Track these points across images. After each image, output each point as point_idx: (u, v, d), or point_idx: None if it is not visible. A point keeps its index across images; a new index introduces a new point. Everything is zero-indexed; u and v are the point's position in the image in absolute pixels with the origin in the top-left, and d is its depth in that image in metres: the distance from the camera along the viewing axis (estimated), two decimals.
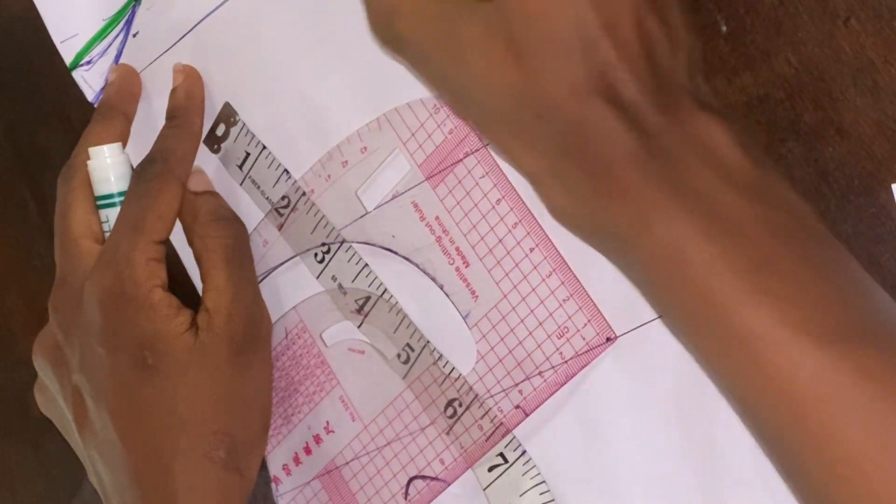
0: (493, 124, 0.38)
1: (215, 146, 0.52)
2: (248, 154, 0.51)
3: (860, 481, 0.32)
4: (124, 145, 0.51)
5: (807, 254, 0.33)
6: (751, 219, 0.33)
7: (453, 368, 0.47)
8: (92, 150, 0.50)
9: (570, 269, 0.43)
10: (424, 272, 0.47)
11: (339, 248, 0.49)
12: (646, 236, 0.34)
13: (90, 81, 0.56)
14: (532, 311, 0.44)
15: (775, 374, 0.32)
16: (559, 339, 0.44)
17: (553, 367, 0.44)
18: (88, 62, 0.56)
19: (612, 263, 0.37)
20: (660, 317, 0.42)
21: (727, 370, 0.34)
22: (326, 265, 0.49)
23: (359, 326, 0.49)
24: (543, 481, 0.45)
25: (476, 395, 0.46)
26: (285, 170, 0.50)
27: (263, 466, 0.53)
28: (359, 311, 0.49)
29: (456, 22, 0.37)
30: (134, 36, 0.54)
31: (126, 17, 0.54)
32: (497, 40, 0.36)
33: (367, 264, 0.48)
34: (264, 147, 0.50)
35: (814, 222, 0.35)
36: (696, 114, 0.35)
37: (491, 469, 0.46)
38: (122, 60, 0.54)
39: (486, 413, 0.46)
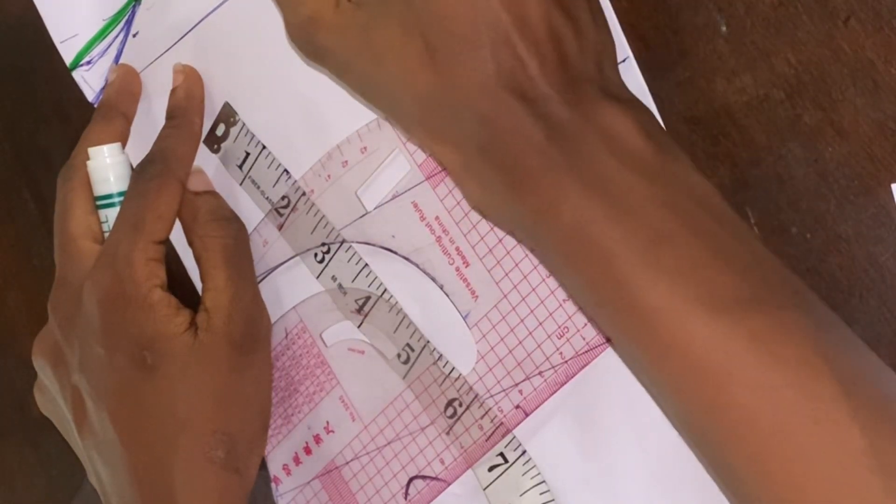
0: (413, 124, 0.40)
1: (215, 146, 0.52)
2: (248, 154, 0.51)
3: (754, 439, 0.34)
4: (124, 145, 0.51)
5: (703, 230, 0.35)
6: (649, 200, 0.35)
7: (453, 368, 0.47)
8: (91, 150, 0.50)
9: None
10: (424, 272, 0.47)
11: (339, 248, 0.49)
12: (554, 222, 0.36)
13: (90, 81, 0.56)
14: (532, 311, 0.44)
15: (672, 343, 0.34)
16: (559, 339, 0.44)
17: (553, 367, 0.44)
18: (88, 62, 0.56)
19: (527, 249, 0.40)
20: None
21: (630, 343, 0.36)
22: (326, 265, 0.49)
23: (359, 326, 0.49)
24: (543, 481, 0.45)
25: (476, 395, 0.46)
26: (285, 170, 0.50)
27: (263, 466, 0.53)
28: (359, 311, 0.49)
29: (373, 28, 0.39)
30: (134, 36, 0.54)
31: (126, 17, 0.54)
32: (413, 42, 0.38)
33: (367, 264, 0.48)
34: (264, 147, 0.50)
35: (713, 200, 0.36)
36: (601, 104, 0.37)
37: (491, 469, 0.46)
38: (122, 60, 0.54)
39: (487, 413, 0.46)
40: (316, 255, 0.49)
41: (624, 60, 0.42)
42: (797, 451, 0.33)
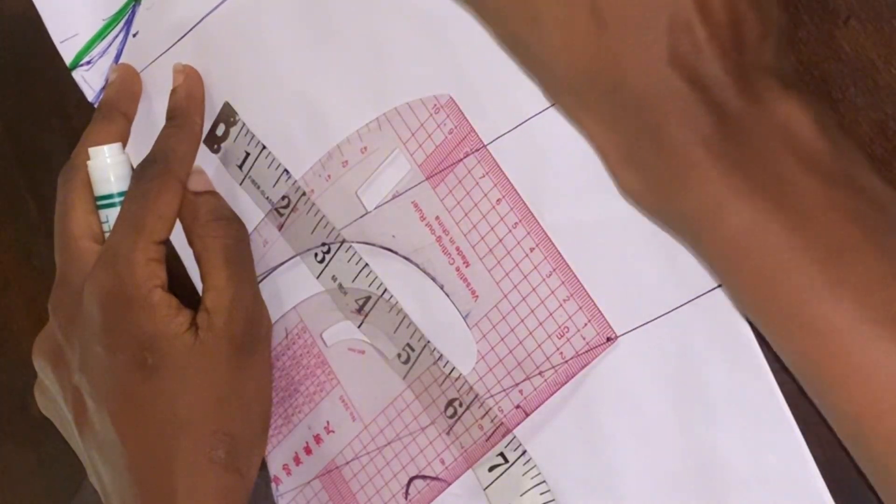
0: (564, 92, 0.36)
1: (215, 146, 0.52)
2: (248, 154, 0.51)
3: None
4: (124, 145, 0.51)
5: (887, 242, 0.32)
6: (828, 206, 0.32)
7: (453, 368, 0.47)
8: (92, 151, 0.50)
9: (570, 268, 0.43)
10: (424, 272, 0.47)
11: (339, 248, 0.49)
12: (718, 222, 0.33)
13: (90, 81, 0.56)
14: (532, 311, 0.44)
15: (857, 368, 0.31)
16: (559, 338, 0.44)
17: (553, 367, 0.44)
18: (88, 62, 0.56)
19: (683, 245, 0.36)
20: (660, 316, 0.42)
21: (805, 362, 0.33)
22: (326, 265, 0.49)
23: (359, 326, 0.49)
24: (544, 481, 0.45)
25: (476, 395, 0.46)
26: (285, 170, 0.50)
27: (263, 466, 0.53)
28: (359, 311, 0.49)
29: None
30: (134, 36, 0.54)
31: (126, 17, 0.54)
32: (580, 10, 0.34)
33: (367, 264, 0.48)
34: (264, 147, 0.50)
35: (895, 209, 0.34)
36: (780, 96, 0.33)
37: (491, 469, 0.46)
38: (122, 60, 0.54)
39: (487, 413, 0.46)
40: (316, 255, 0.49)
41: None
42: None
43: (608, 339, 0.43)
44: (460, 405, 0.47)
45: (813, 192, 0.32)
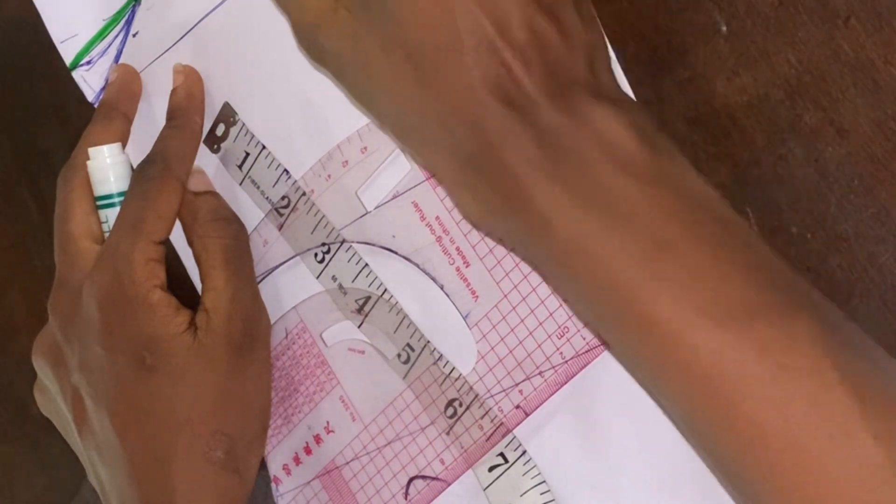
0: (404, 134, 0.39)
1: (215, 146, 0.52)
2: (247, 154, 0.51)
3: (765, 455, 0.33)
4: (124, 145, 0.51)
5: (704, 236, 0.34)
6: (646, 206, 0.34)
7: (453, 368, 0.47)
8: (92, 151, 0.50)
9: None
10: (424, 272, 0.47)
11: (339, 248, 0.49)
12: (548, 236, 0.35)
13: (90, 81, 0.56)
14: (532, 311, 0.44)
15: (679, 357, 0.33)
16: (559, 338, 0.44)
17: (553, 367, 0.44)
18: (88, 62, 0.56)
19: (524, 261, 0.38)
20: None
21: (635, 356, 0.35)
22: (326, 265, 0.49)
23: (359, 326, 0.49)
24: (544, 481, 0.45)
25: (476, 395, 0.46)
26: (285, 170, 0.50)
27: (263, 466, 0.53)
28: (359, 311, 0.49)
29: (360, 36, 0.38)
30: (134, 36, 0.54)
31: (126, 17, 0.54)
32: (396, 51, 0.37)
33: (367, 264, 0.48)
34: (264, 147, 0.50)
35: (714, 203, 0.35)
36: (592, 107, 0.35)
37: (491, 469, 0.46)
38: (122, 60, 0.54)
39: (487, 413, 0.46)
40: (316, 255, 0.49)
41: None
42: (811, 466, 0.32)
43: (605, 344, 0.43)
44: (460, 405, 0.47)
45: (630, 193, 0.34)
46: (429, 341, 0.47)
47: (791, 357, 0.32)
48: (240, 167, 0.51)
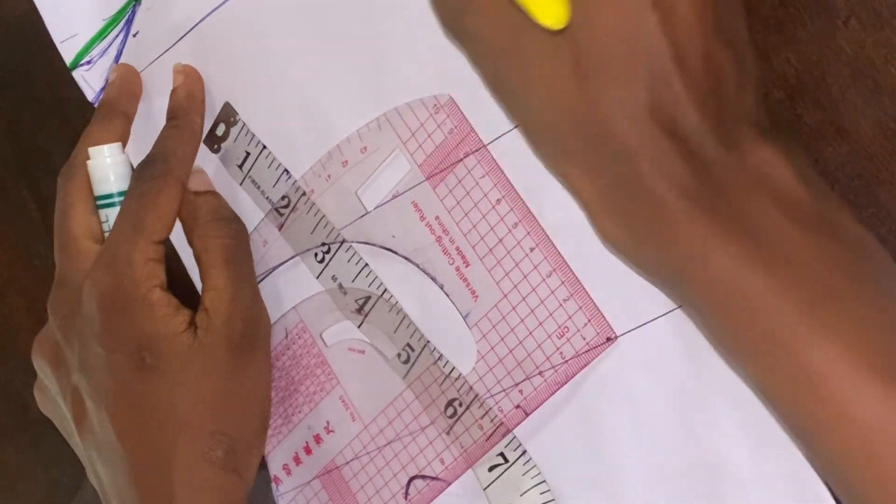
0: (545, 140, 0.37)
1: (215, 146, 0.52)
2: (248, 154, 0.51)
3: None
4: (124, 145, 0.51)
5: (868, 287, 0.32)
6: (810, 252, 0.32)
7: (453, 368, 0.47)
8: (92, 150, 0.50)
9: (570, 268, 0.43)
10: (424, 272, 0.47)
11: (339, 248, 0.49)
12: (700, 271, 0.33)
13: (90, 81, 0.56)
14: (532, 311, 0.44)
15: (844, 414, 0.32)
16: (559, 338, 0.44)
17: (553, 367, 0.44)
18: (88, 62, 0.56)
19: (665, 295, 0.36)
20: (660, 316, 0.42)
21: (792, 408, 0.33)
22: (326, 265, 0.49)
23: (359, 326, 0.49)
24: (544, 481, 0.45)
25: (476, 395, 0.46)
26: (285, 170, 0.50)
27: (263, 466, 0.53)
28: (359, 310, 0.49)
29: (525, 31, 0.35)
30: (134, 36, 0.54)
31: (126, 17, 0.54)
32: (563, 58, 0.35)
33: (367, 264, 0.48)
34: (264, 147, 0.50)
35: (876, 254, 0.34)
36: (758, 146, 0.34)
37: (491, 469, 0.46)
38: (122, 60, 0.54)
39: (487, 413, 0.46)
40: (316, 254, 0.49)
41: None
42: None
43: (608, 339, 0.43)
44: (460, 405, 0.47)
45: (793, 238, 0.33)
46: (429, 341, 0.47)
47: None
48: (240, 167, 0.51)
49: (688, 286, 0.34)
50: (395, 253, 0.47)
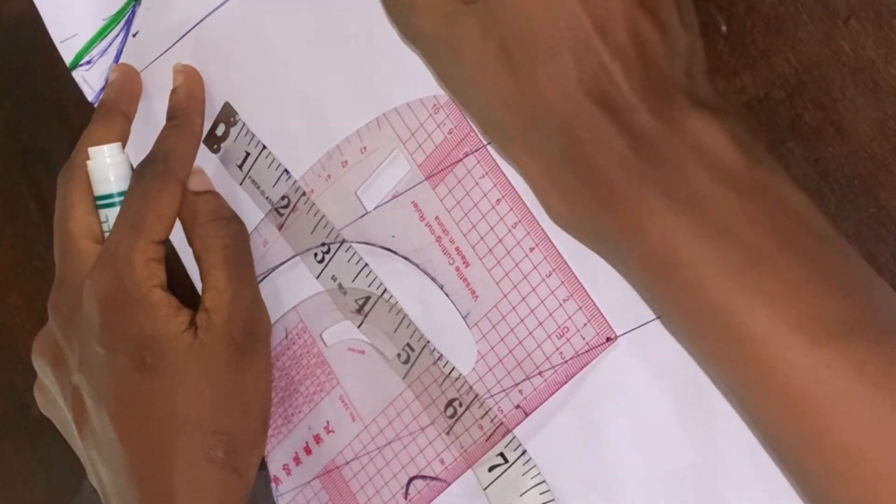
0: (490, 126, 0.38)
1: (215, 146, 0.52)
2: (247, 154, 0.51)
3: (858, 479, 0.32)
4: (124, 145, 0.51)
5: (802, 250, 0.33)
6: (744, 217, 0.33)
7: (453, 368, 0.46)
8: (92, 150, 0.50)
9: (570, 268, 0.43)
10: (424, 272, 0.47)
11: (339, 248, 0.49)
12: (639, 240, 0.34)
13: (90, 81, 0.56)
14: (532, 311, 0.44)
15: (772, 373, 0.32)
16: (559, 338, 0.44)
17: (553, 367, 0.44)
18: (88, 62, 0.56)
19: (610, 266, 0.37)
20: (660, 317, 0.42)
21: (725, 370, 0.34)
22: (326, 265, 0.49)
23: (359, 326, 0.49)
24: (544, 481, 0.45)
25: (476, 395, 0.46)
26: (285, 170, 0.50)
27: (263, 466, 0.53)
28: (359, 310, 0.49)
29: (457, 22, 0.37)
30: (134, 36, 0.54)
31: (126, 17, 0.54)
32: (490, 43, 0.36)
33: (367, 264, 0.48)
34: (264, 147, 0.50)
35: (812, 217, 0.34)
36: (690, 113, 0.34)
37: (491, 469, 0.46)
38: (122, 60, 0.54)
39: (487, 413, 0.46)
40: (316, 255, 0.49)
41: None
42: None
43: (608, 339, 0.43)
44: (460, 405, 0.47)
45: (727, 204, 0.33)
46: (429, 341, 0.47)
47: (890, 379, 0.31)
48: (240, 167, 0.51)
49: (627, 255, 0.35)
50: (395, 253, 0.47)
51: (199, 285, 0.49)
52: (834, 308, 0.32)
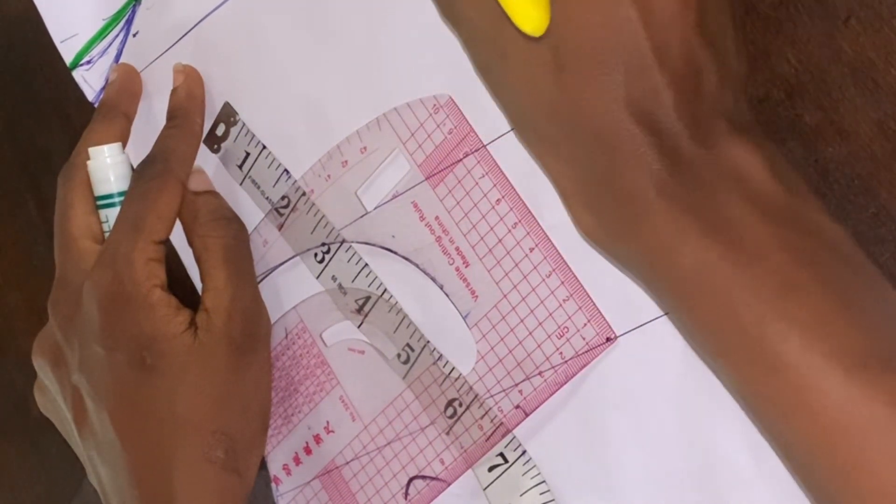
0: (525, 128, 0.37)
1: (215, 146, 0.52)
2: (248, 154, 0.51)
3: None
4: (124, 145, 0.51)
5: (835, 280, 0.33)
6: (778, 246, 0.33)
7: (453, 368, 0.46)
8: (92, 150, 0.50)
9: (570, 268, 0.43)
10: (424, 272, 0.47)
11: (339, 248, 0.49)
12: (670, 263, 0.34)
13: (90, 81, 0.56)
14: (532, 311, 0.44)
15: (804, 402, 0.32)
16: (559, 338, 0.44)
17: (553, 367, 0.44)
18: (88, 62, 0.56)
19: (637, 286, 0.37)
20: (660, 316, 0.42)
21: (755, 397, 0.34)
22: (326, 265, 0.49)
23: (359, 326, 0.49)
24: (544, 481, 0.45)
25: (476, 395, 0.46)
26: (285, 170, 0.50)
27: (263, 466, 0.53)
28: (359, 311, 0.49)
29: (508, 20, 0.36)
30: (134, 36, 0.54)
31: (126, 17, 0.54)
32: (543, 47, 0.35)
33: (367, 264, 0.48)
34: (264, 147, 0.50)
35: (845, 247, 0.34)
36: (731, 140, 0.34)
37: (491, 469, 0.46)
38: (122, 60, 0.54)
39: (487, 413, 0.46)
40: (316, 255, 0.49)
41: None
42: None
43: (608, 339, 0.43)
44: (460, 405, 0.47)
45: (762, 232, 0.33)
46: (429, 341, 0.47)
47: None
48: (240, 167, 0.51)
49: (661, 280, 0.35)
50: (395, 253, 0.47)
51: (199, 285, 0.49)
52: (867, 339, 0.32)
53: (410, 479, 0.48)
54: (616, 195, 0.34)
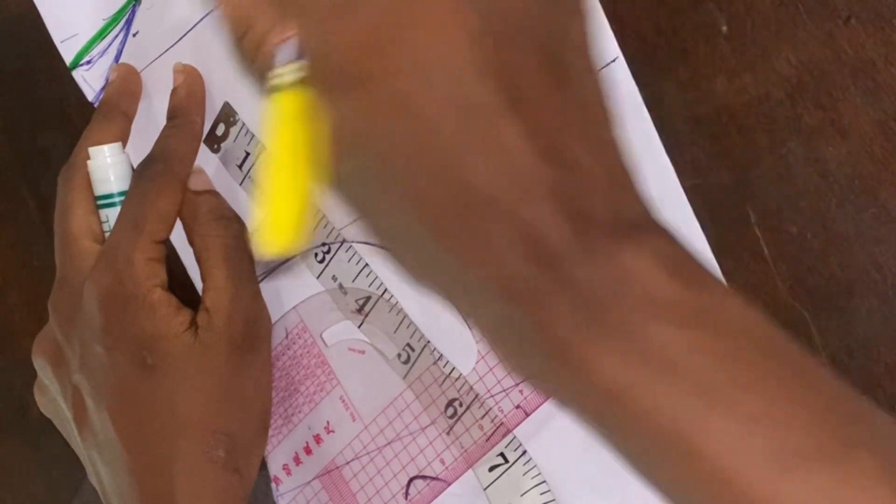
0: (441, 286, 0.36)
1: (215, 146, 0.52)
2: (248, 154, 0.51)
3: None
4: (125, 145, 0.51)
5: (752, 376, 0.32)
6: (687, 350, 0.32)
7: (454, 368, 0.46)
8: (92, 150, 0.50)
9: None
10: None
11: (339, 248, 0.49)
12: (591, 391, 0.33)
13: (90, 81, 0.56)
14: None
15: (729, 489, 0.32)
16: None
17: None
18: (88, 62, 0.56)
19: (565, 411, 0.36)
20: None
21: (683, 490, 0.33)
22: (327, 265, 0.49)
23: (359, 326, 0.49)
24: (544, 481, 0.45)
25: (476, 395, 0.46)
26: None
27: (263, 466, 0.53)
28: (359, 310, 0.49)
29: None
30: (134, 36, 0.54)
31: (126, 17, 0.54)
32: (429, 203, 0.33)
33: (367, 264, 0.48)
34: (264, 147, 0.50)
35: (765, 337, 0.33)
36: (618, 248, 0.32)
37: (491, 469, 0.46)
38: (122, 60, 0.54)
39: (487, 413, 0.46)
40: (316, 254, 0.49)
41: (614, 60, 0.42)
42: None
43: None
44: (460, 405, 0.47)
45: (667, 339, 0.32)
46: (429, 341, 0.47)
47: (863, 494, 0.30)
48: (240, 167, 0.51)
49: (583, 405, 0.34)
50: None
51: (199, 285, 0.49)
52: (792, 436, 0.31)
53: (411, 479, 0.48)
54: (526, 336, 0.33)
